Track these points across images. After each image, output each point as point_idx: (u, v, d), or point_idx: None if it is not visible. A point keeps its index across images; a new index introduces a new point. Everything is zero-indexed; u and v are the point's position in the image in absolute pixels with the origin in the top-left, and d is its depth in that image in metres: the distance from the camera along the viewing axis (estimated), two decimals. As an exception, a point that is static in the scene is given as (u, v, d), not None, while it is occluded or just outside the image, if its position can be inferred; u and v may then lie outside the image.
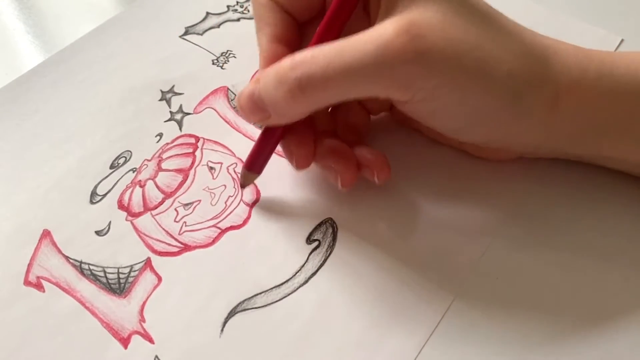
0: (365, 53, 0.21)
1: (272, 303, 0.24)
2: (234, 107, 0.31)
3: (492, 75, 0.22)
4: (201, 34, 0.34)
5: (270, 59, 0.25)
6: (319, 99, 0.22)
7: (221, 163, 0.28)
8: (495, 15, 0.23)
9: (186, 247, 0.26)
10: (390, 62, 0.21)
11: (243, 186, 0.27)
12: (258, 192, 0.27)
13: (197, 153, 0.29)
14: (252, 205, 0.27)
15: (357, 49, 0.21)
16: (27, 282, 0.25)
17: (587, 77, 0.23)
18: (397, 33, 0.20)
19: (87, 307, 0.24)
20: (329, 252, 0.25)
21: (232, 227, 0.26)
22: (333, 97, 0.22)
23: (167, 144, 0.29)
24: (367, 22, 0.24)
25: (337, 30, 0.23)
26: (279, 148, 0.26)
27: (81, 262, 0.25)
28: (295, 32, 0.26)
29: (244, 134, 0.30)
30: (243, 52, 0.33)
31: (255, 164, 0.26)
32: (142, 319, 0.24)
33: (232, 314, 0.24)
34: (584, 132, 0.24)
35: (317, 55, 0.21)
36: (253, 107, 0.23)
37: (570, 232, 0.25)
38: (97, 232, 0.26)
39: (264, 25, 0.25)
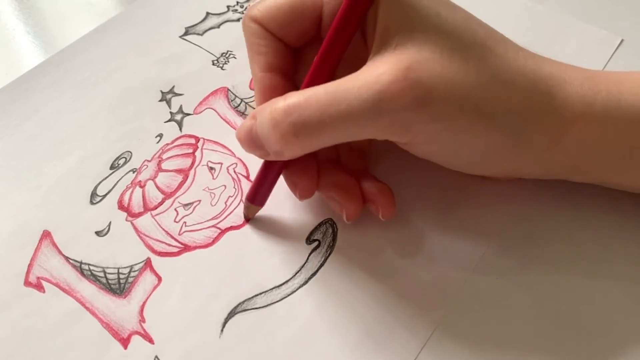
0: (361, 100, 0.20)
1: (272, 303, 0.24)
2: (234, 108, 0.31)
3: (493, 115, 0.21)
4: (201, 34, 0.34)
5: (265, 90, 0.24)
6: (314, 143, 0.22)
7: (221, 163, 0.28)
8: (495, 45, 0.22)
9: (186, 248, 0.26)
10: (388, 110, 0.20)
11: (246, 218, 0.26)
12: (258, 193, 0.27)
13: (197, 153, 0.29)
14: (252, 205, 0.27)
15: (353, 95, 0.20)
16: (27, 283, 0.25)
17: (593, 109, 0.22)
18: (394, 79, 0.20)
19: (87, 308, 0.24)
20: (329, 252, 0.25)
21: (232, 228, 0.26)
22: (328, 142, 0.22)
23: (167, 144, 0.29)
24: (365, 49, 0.23)
25: (333, 62, 0.23)
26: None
27: (81, 263, 0.25)
28: (289, 60, 0.25)
29: (244, 134, 0.30)
30: (243, 53, 0.33)
31: (257, 197, 0.25)
32: (142, 319, 0.24)
33: (232, 314, 0.24)
34: (588, 163, 0.23)
35: (311, 100, 0.21)
36: (251, 143, 0.23)
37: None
38: (97, 233, 0.26)
39: (256, 54, 0.24)
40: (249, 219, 0.26)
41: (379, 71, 0.20)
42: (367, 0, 0.22)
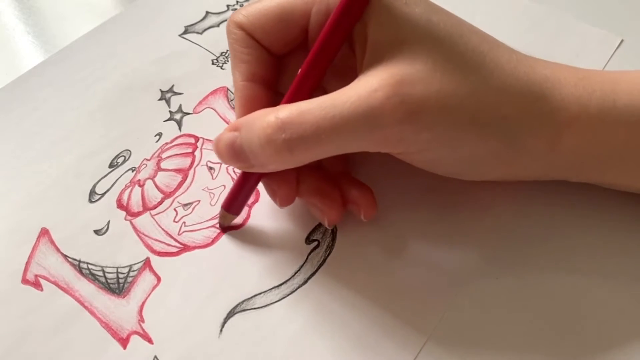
0: (355, 115, 0.20)
1: (271, 304, 0.24)
2: (234, 108, 0.31)
3: (488, 123, 0.21)
4: (201, 33, 0.34)
5: (246, 100, 0.24)
6: (308, 157, 0.22)
7: (221, 163, 0.28)
8: (488, 51, 0.22)
9: (185, 248, 0.26)
10: (382, 124, 0.20)
11: (222, 226, 0.26)
12: (258, 193, 0.27)
13: (197, 153, 0.29)
14: (252, 205, 0.27)
15: (347, 109, 0.20)
16: (25, 281, 0.25)
17: (589, 111, 0.22)
18: (386, 95, 0.20)
19: (85, 307, 0.24)
20: (328, 252, 0.25)
21: (231, 228, 0.26)
22: (321, 155, 0.22)
23: (167, 143, 0.29)
24: (352, 57, 0.23)
25: (319, 74, 0.22)
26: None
27: (80, 261, 0.25)
28: (272, 69, 0.25)
29: (243, 134, 0.29)
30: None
31: (233, 206, 0.25)
32: (141, 319, 0.24)
33: (231, 314, 0.24)
34: (586, 164, 0.23)
35: (305, 115, 0.21)
36: (234, 157, 0.23)
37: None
38: (96, 232, 0.26)
39: (239, 62, 0.24)
40: (224, 227, 0.26)
41: (372, 86, 0.20)
42: (357, 12, 0.22)
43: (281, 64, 0.25)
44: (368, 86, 0.20)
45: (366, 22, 0.22)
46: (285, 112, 0.21)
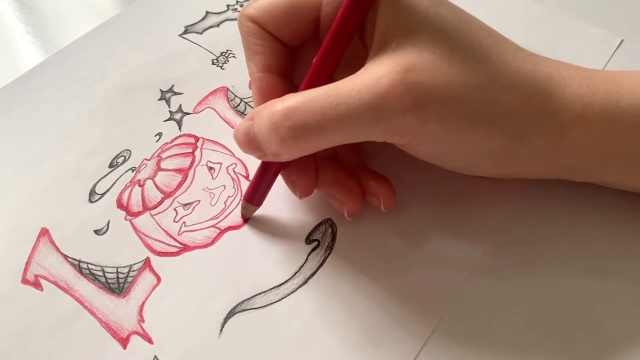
0: (361, 103, 0.20)
1: (271, 304, 0.24)
2: (234, 108, 0.31)
3: (493, 118, 0.21)
4: (201, 33, 0.34)
5: (263, 91, 0.24)
6: (313, 146, 0.22)
7: (221, 163, 0.28)
8: (494, 46, 0.22)
9: (185, 248, 0.26)
10: (388, 113, 0.20)
11: (244, 217, 0.26)
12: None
13: (197, 153, 0.29)
14: (252, 205, 0.27)
15: (352, 98, 0.20)
16: (24, 281, 0.25)
17: (592, 110, 0.22)
18: (393, 83, 0.20)
19: (85, 307, 0.24)
20: (328, 252, 0.25)
21: (231, 228, 0.26)
22: (327, 144, 0.22)
23: (167, 143, 0.29)
24: (364, 49, 0.23)
25: (332, 64, 0.22)
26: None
27: (80, 261, 0.25)
28: (286, 59, 0.25)
29: (243, 134, 0.29)
30: (243, 52, 0.33)
31: (255, 197, 0.25)
32: (141, 319, 0.24)
33: (231, 314, 0.24)
34: (588, 163, 0.23)
35: (310, 103, 0.21)
36: (249, 145, 0.23)
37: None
38: (96, 231, 0.26)
39: (254, 54, 0.24)
40: (246, 218, 0.26)
41: (378, 74, 0.20)
42: (367, 1, 0.22)
43: (295, 56, 0.25)
44: (374, 74, 0.20)
45: (377, 11, 0.22)
46: (291, 100, 0.21)
